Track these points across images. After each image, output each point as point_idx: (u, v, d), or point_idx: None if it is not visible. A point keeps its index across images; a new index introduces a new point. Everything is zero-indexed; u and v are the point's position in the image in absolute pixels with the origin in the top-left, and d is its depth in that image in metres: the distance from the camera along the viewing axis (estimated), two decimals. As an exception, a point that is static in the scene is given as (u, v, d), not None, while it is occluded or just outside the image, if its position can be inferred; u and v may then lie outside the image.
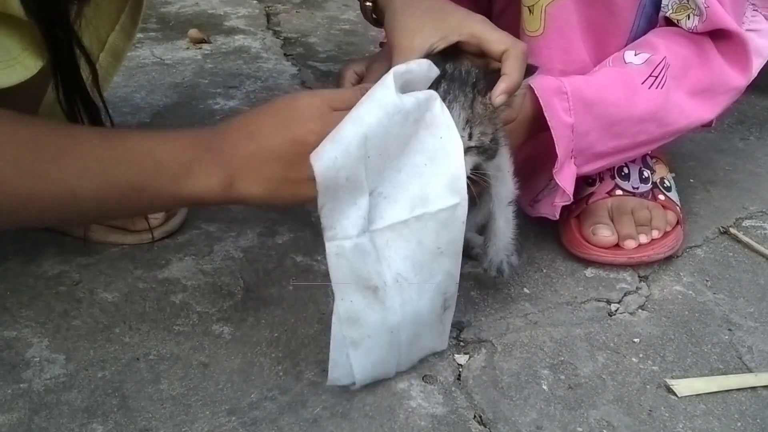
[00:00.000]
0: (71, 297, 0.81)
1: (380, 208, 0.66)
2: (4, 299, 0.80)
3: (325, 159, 0.60)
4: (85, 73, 0.72)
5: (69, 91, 0.71)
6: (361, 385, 0.69)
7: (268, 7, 1.91)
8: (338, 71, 1.10)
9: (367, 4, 0.80)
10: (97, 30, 0.87)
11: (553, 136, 0.81)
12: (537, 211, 0.91)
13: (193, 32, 1.64)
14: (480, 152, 0.71)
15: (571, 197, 0.86)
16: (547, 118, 0.80)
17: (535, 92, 0.81)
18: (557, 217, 0.88)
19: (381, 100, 0.62)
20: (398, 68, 0.63)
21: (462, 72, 0.70)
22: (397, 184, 0.66)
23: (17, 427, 0.65)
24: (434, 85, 0.68)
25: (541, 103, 0.81)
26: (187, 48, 1.60)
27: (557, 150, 0.81)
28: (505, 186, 0.78)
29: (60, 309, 0.79)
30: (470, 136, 0.69)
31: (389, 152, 0.64)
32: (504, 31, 0.72)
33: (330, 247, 0.63)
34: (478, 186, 0.73)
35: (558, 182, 0.83)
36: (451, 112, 0.66)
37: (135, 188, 0.63)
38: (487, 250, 0.81)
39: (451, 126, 0.66)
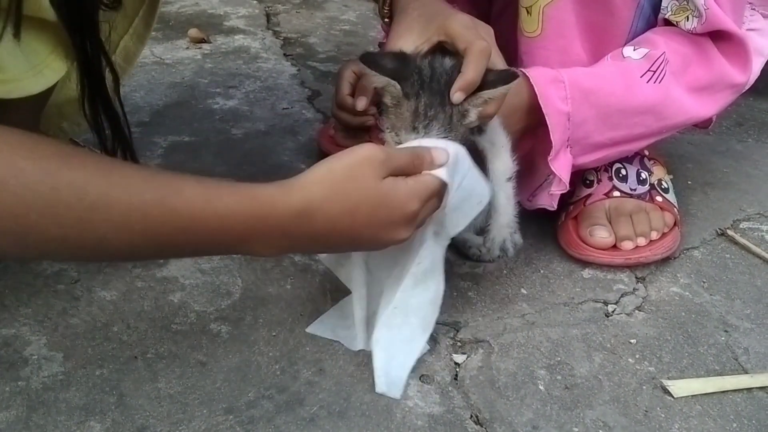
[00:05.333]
0: (70, 295, 0.81)
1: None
2: (2, 297, 0.80)
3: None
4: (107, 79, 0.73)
5: (92, 96, 0.71)
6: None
7: (268, 7, 1.91)
8: (337, 71, 1.10)
9: (385, 10, 0.82)
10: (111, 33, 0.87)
11: (548, 123, 0.81)
12: (535, 204, 0.91)
13: (193, 32, 1.65)
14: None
15: (568, 185, 0.86)
16: (542, 106, 0.80)
17: (531, 81, 0.81)
18: (555, 207, 0.88)
19: None
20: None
21: (435, 76, 0.70)
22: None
23: (15, 424, 0.65)
24: (413, 98, 0.70)
25: (536, 92, 0.80)
26: (187, 47, 1.60)
27: (552, 137, 0.81)
28: (501, 161, 0.78)
29: (58, 307, 0.79)
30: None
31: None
32: (477, 29, 0.73)
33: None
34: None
35: (553, 170, 0.83)
36: (430, 129, 0.70)
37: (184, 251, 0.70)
38: (490, 229, 0.81)
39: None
